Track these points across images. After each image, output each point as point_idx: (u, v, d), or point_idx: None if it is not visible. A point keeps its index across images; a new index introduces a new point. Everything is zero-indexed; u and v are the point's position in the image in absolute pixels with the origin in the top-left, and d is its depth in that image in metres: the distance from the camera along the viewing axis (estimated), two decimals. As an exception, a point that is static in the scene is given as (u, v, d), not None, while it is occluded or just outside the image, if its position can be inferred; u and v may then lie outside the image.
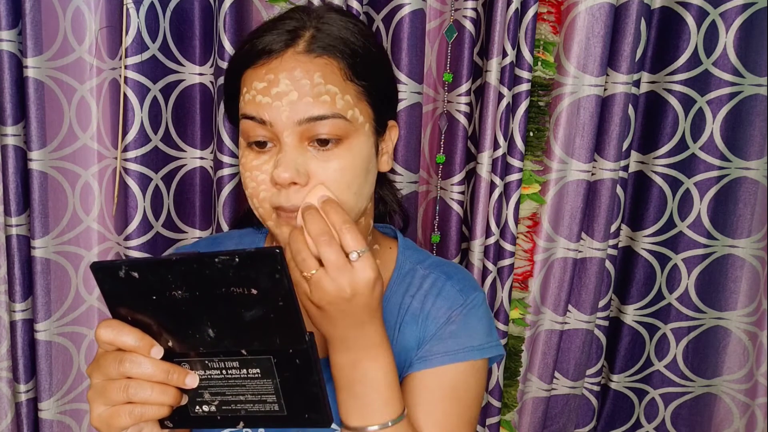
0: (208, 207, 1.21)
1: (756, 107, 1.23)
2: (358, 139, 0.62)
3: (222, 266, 0.47)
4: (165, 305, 0.50)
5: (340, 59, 0.60)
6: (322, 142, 0.60)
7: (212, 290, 0.48)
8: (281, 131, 0.59)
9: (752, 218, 1.28)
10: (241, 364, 0.52)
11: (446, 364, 0.67)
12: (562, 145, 1.22)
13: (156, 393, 0.50)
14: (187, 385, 0.52)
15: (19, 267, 1.07)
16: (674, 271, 1.33)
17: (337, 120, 0.59)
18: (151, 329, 0.51)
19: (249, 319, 0.49)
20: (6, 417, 1.13)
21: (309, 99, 0.58)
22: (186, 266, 0.48)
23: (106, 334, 0.50)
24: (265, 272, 0.47)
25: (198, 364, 0.52)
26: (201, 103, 1.17)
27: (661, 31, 1.25)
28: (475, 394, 0.69)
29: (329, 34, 0.61)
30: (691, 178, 1.28)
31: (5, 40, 1.00)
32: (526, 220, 1.25)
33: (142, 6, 1.06)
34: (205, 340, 0.51)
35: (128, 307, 0.51)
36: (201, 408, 0.54)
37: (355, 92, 0.61)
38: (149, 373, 0.50)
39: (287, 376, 0.52)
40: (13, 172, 1.04)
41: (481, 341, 0.69)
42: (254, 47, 0.60)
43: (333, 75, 0.60)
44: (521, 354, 1.31)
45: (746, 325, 1.33)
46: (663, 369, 1.38)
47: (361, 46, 0.62)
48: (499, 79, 1.13)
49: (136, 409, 0.50)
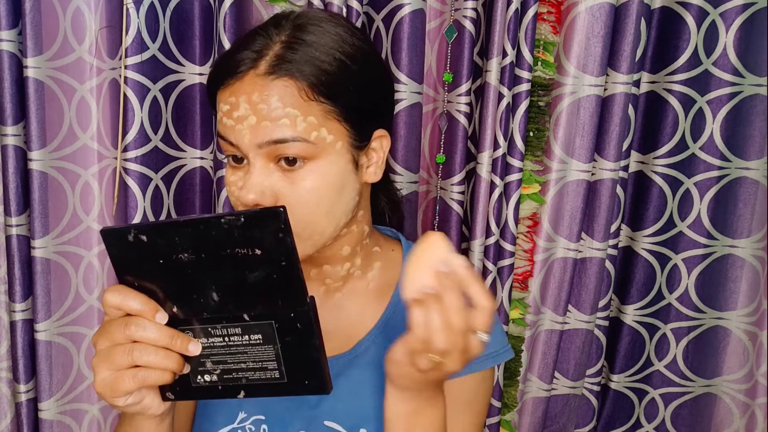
0: (208, 207, 1.21)
1: (756, 107, 1.23)
2: (326, 159, 0.60)
3: (227, 226, 0.48)
4: (171, 269, 0.51)
5: (301, 79, 0.58)
6: (289, 162, 0.59)
7: (217, 252, 0.49)
8: (246, 152, 0.60)
9: (752, 218, 1.28)
10: (243, 330, 0.52)
11: (464, 375, 0.67)
12: (562, 145, 1.22)
13: (160, 357, 0.51)
14: (190, 352, 0.52)
15: (19, 267, 1.07)
16: (674, 271, 1.33)
17: (298, 143, 0.58)
18: (157, 296, 0.52)
19: (252, 281, 0.50)
20: (6, 417, 1.13)
21: (267, 123, 0.58)
22: (193, 228, 0.49)
23: (113, 298, 0.51)
24: (269, 231, 0.48)
25: (201, 332, 0.53)
26: (201, 103, 1.17)
27: (661, 31, 1.25)
28: (486, 401, 0.70)
29: (295, 51, 0.59)
30: (691, 178, 1.28)
31: (5, 40, 1.00)
32: (526, 220, 1.25)
33: (142, 6, 1.06)
34: (209, 305, 0.52)
35: (135, 273, 0.52)
36: (203, 378, 0.55)
37: (321, 112, 0.59)
38: (154, 337, 0.51)
39: (288, 342, 0.52)
40: (13, 172, 1.04)
41: (496, 348, 0.70)
42: (222, 67, 0.61)
43: (292, 97, 0.58)
44: (521, 354, 1.31)
45: (746, 325, 1.33)
46: (663, 369, 1.38)
47: (331, 62, 0.60)
48: (499, 79, 1.13)
49: (140, 373, 0.51)
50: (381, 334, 0.71)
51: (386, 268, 0.74)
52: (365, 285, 0.73)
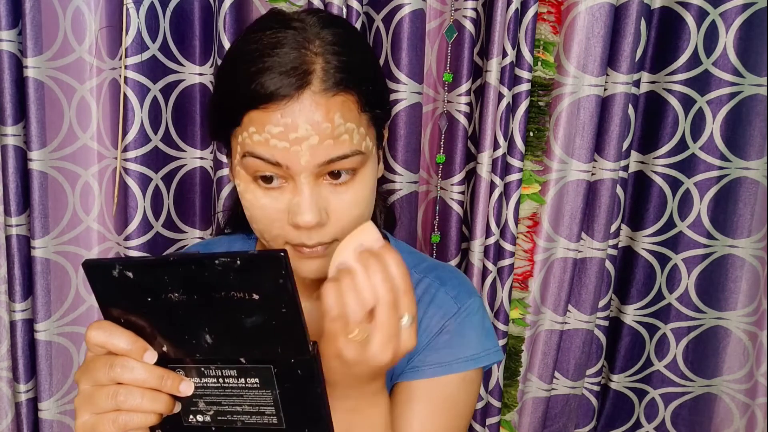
0: (208, 207, 1.21)
1: (756, 107, 1.23)
2: (369, 166, 0.60)
3: (222, 269, 0.44)
4: (160, 308, 0.47)
5: (355, 91, 0.57)
6: (335, 175, 0.57)
7: (211, 294, 0.46)
8: (298, 174, 0.56)
9: (752, 218, 1.28)
10: (239, 372, 0.49)
11: (438, 376, 0.66)
12: (562, 145, 1.22)
13: (147, 400, 0.47)
14: (182, 393, 0.49)
15: (19, 267, 1.07)
16: (674, 271, 1.33)
17: (355, 156, 0.57)
18: (145, 332, 0.48)
19: (249, 326, 0.46)
20: (6, 417, 1.13)
21: (330, 141, 0.55)
22: (184, 267, 0.45)
23: (97, 336, 0.47)
24: (269, 276, 0.44)
25: (193, 371, 0.50)
26: (201, 103, 1.17)
27: (661, 31, 1.25)
28: (465, 405, 0.68)
29: (339, 62, 0.57)
30: (691, 178, 1.28)
31: (5, 40, 1.00)
32: (526, 220, 1.25)
33: (142, 6, 1.06)
34: (202, 346, 0.48)
35: (121, 309, 0.48)
36: (195, 418, 0.51)
37: (367, 120, 0.59)
38: (141, 378, 0.47)
39: (288, 388, 0.49)
40: (13, 172, 1.04)
41: (476, 350, 0.68)
42: (261, 89, 0.55)
43: (350, 111, 0.56)
44: (521, 354, 1.31)
45: (746, 325, 1.33)
46: (663, 369, 1.38)
47: (368, 68, 0.59)
48: (499, 79, 1.13)
49: (121, 417, 0.47)
50: None
51: None
52: None
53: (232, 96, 0.57)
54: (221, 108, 0.59)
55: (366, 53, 0.61)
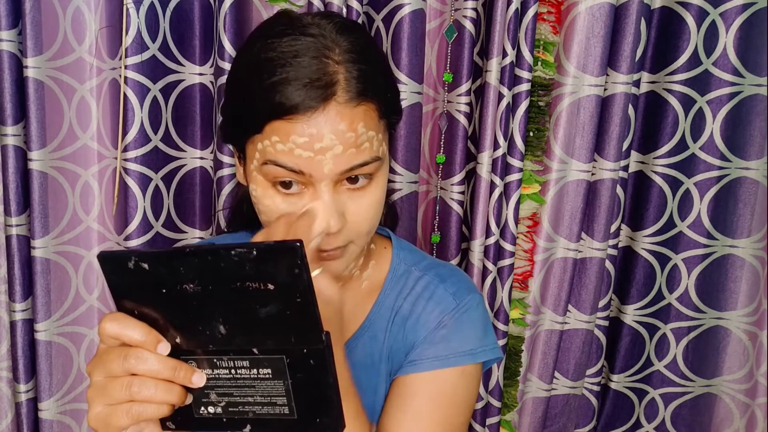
0: (208, 207, 1.21)
1: (756, 107, 1.23)
2: (384, 169, 0.61)
3: (238, 259, 0.45)
4: (174, 299, 0.47)
5: (375, 100, 0.58)
6: (353, 180, 0.59)
7: (226, 284, 0.46)
8: (319, 181, 0.57)
9: (752, 218, 1.28)
10: (252, 363, 0.49)
11: (435, 369, 0.66)
12: (562, 145, 1.22)
13: (160, 391, 0.48)
14: (194, 384, 0.50)
15: (19, 267, 1.07)
16: (674, 271, 1.33)
17: (375, 162, 0.59)
18: (158, 324, 0.49)
19: (263, 316, 0.47)
20: (6, 417, 1.13)
21: (353, 150, 0.57)
22: (200, 258, 0.45)
23: (111, 327, 0.48)
24: (284, 266, 0.45)
25: (205, 363, 0.50)
26: (201, 103, 1.17)
27: (661, 31, 1.25)
28: (464, 400, 0.68)
29: (360, 71, 0.57)
30: (691, 178, 1.28)
31: (5, 40, 1.00)
32: (526, 220, 1.25)
33: (142, 6, 1.06)
34: (215, 337, 0.49)
35: (135, 301, 0.48)
36: (206, 409, 0.52)
37: (384, 126, 0.60)
38: (155, 369, 0.48)
39: (300, 378, 0.49)
40: (13, 172, 1.04)
41: (473, 346, 0.68)
42: (285, 100, 0.55)
43: (372, 120, 0.58)
44: (521, 354, 1.31)
45: (746, 325, 1.33)
46: (663, 369, 1.38)
47: (385, 74, 0.61)
48: (499, 79, 1.13)
49: (134, 408, 0.48)
50: (365, 335, 0.71)
51: (377, 269, 0.74)
52: (359, 284, 0.73)
53: (253, 105, 0.57)
54: (239, 115, 0.59)
55: (383, 60, 0.62)
